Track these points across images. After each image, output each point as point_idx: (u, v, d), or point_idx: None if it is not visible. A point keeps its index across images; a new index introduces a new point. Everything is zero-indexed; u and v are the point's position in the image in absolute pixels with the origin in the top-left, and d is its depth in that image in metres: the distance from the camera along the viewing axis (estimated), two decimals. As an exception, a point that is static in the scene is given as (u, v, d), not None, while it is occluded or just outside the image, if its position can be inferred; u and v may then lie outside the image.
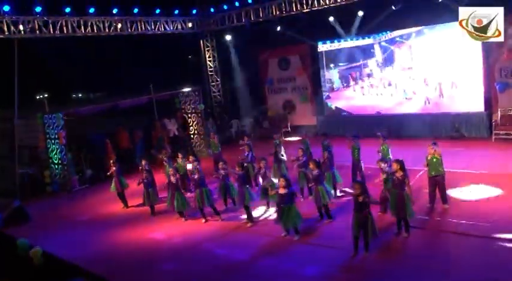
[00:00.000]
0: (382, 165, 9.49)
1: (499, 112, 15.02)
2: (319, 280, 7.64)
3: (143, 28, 18.40)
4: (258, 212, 10.85)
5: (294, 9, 18.26)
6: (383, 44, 17.91)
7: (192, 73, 21.71)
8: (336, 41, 19.04)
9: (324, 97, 19.71)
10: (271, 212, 10.65)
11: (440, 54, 16.23)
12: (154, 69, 21.05)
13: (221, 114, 21.60)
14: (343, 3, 16.88)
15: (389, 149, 11.11)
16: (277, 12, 18.55)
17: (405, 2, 15.81)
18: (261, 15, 19.25)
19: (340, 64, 19.19)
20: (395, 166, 8.76)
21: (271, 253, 8.77)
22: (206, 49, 21.61)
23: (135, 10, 17.80)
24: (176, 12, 19.46)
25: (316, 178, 9.72)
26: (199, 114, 18.17)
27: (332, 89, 19.62)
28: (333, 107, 19.64)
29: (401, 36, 17.37)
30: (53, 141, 15.23)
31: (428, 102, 16.72)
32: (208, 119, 19.37)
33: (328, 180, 10.70)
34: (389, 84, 17.89)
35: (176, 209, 10.93)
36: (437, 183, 9.75)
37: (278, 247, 8.97)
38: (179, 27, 19.87)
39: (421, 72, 16.91)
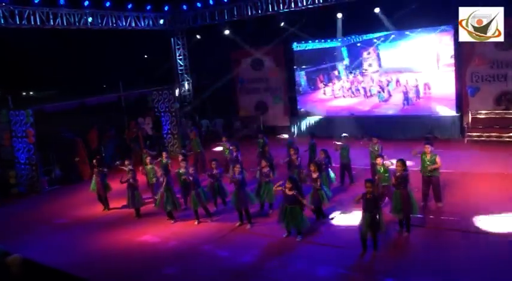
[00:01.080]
0: (384, 162, 9.65)
1: (469, 115, 15.67)
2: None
3: (114, 23, 17.65)
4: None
5: (270, 9, 18.18)
6: (351, 47, 18.30)
7: (163, 71, 21.06)
8: (303, 43, 19.22)
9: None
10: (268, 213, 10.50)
11: (412, 59, 16.78)
12: (123, 67, 20.24)
13: (191, 114, 21.11)
14: (320, 4, 17.02)
15: (381, 150, 11.23)
16: (253, 12, 18.43)
17: (379, 6, 16.23)
18: (235, 14, 19.03)
19: (307, 66, 19.41)
20: (399, 166, 8.86)
21: (276, 254, 8.56)
22: (177, 47, 21.05)
23: (107, 3, 17.03)
24: (148, 7, 18.83)
25: (316, 181, 9.65)
26: (173, 114, 17.62)
27: (299, 92, 19.81)
28: (302, 110, 19.80)
29: (370, 40, 17.79)
30: (19, 139, 14.20)
31: (407, 104, 17.19)
32: (182, 118, 18.88)
33: (324, 180, 10.65)
34: (363, 88, 18.26)
35: (165, 209, 10.50)
36: (432, 182, 9.96)
37: (282, 248, 8.78)
38: (151, 23, 19.25)
39: (394, 75, 17.39)
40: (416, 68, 16.76)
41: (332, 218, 9.89)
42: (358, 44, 18.25)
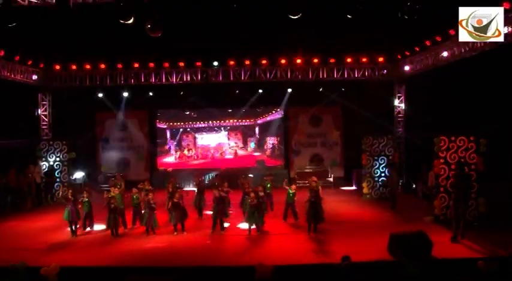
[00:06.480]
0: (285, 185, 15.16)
1: (295, 170, 22.89)
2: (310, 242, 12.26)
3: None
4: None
5: (143, 80, 21.77)
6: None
7: (25, 124, 21.15)
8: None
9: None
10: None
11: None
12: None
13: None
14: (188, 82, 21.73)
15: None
16: (126, 81, 21.50)
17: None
18: (108, 82, 21.69)
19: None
20: (314, 182, 14.63)
21: (255, 242, 12.71)
22: (42, 103, 21.83)
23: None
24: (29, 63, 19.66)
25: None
26: (65, 163, 18.81)
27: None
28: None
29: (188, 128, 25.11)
30: None
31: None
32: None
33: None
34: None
35: (153, 226, 13.18)
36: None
37: (257, 239, 12.95)
38: (24, 77, 19.78)
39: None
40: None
41: None
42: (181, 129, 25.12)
